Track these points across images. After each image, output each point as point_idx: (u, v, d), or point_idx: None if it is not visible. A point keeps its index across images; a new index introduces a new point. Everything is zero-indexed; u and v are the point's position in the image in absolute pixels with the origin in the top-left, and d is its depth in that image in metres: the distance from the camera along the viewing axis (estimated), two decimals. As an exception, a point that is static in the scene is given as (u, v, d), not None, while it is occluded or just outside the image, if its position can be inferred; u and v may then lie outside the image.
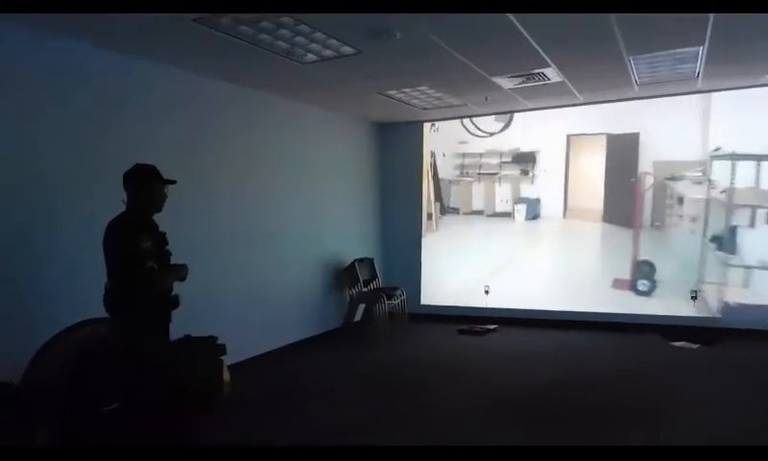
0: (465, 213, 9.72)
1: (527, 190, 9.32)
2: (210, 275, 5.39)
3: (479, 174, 9.64)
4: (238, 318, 5.74)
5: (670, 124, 7.91)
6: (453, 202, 9.61)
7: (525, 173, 9.23)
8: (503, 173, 9.50)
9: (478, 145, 9.38)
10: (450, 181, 9.68)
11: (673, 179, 8.09)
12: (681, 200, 8.11)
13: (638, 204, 8.26)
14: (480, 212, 9.58)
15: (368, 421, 4.48)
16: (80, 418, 3.67)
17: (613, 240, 8.50)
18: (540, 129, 8.85)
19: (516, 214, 9.45)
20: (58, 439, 3.34)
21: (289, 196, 6.82)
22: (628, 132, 8.26)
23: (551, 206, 9.14)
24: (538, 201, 9.22)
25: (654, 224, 8.19)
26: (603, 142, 8.56)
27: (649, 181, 8.11)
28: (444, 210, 9.63)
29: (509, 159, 9.34)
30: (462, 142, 9.47)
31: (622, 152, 8.39)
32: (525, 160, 9.21)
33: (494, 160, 9.49)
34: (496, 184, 9.60)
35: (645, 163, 8.20)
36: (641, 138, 8.12)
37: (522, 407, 4.67)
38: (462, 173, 9.67)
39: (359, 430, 4.27)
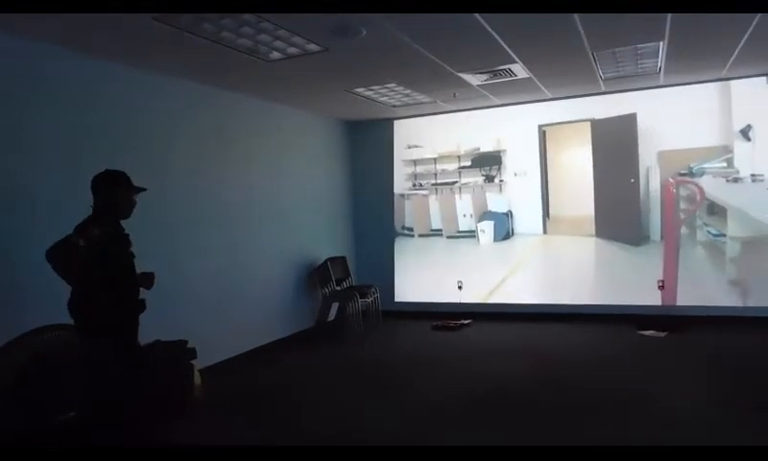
0: (421, 235, 8.21)
1: (495, 201, 7.79)
2: (181, 277, 5.38)
3: (434, 185, 8.24)
4: (209, 321, 5.73)
5: (673, 101, 6.56)
6: (407, 221, 8.37)
7: (490, 179, 7.79)
8: (463, 181, 7.99)
9: (431, 147, 8.00)
10: (402, 196, 8.40)
11: (690, 173, 6.57)
12: (712, 209, 6.35)
13: (670, 224, 6.53)
14: (440, 232, 8.15)
15: (343, 420, 4.54)
16: (33, 426, 3.57)
17: (619, 268, 6.90)
18: (504, 121, 7.62)
19: (480, 235, 7.83)
20: (11, 445, 3.25)
21: (259, 196, 6.83)
22: (620, 114, 6.79)
23: (527, 219, 7.61)
24: (508, 215, 7.73)
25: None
26: (588, 130, 7.18)
27: (667, 182, 6.42)
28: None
29: (468, 163, 7.89)
30: (411, 146, 8.20)
31: (615, 141, 7.04)
32: (489, 163, 7.80)
33: (452, 166, 8.06)
34: (456, 196, 8.07)
35: (647, 154, 6.83)
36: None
37: (495, 400, 4.77)
38: (414, 185, 8.27)
39: (335, 430, 4.30)
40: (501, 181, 7.87)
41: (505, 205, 7.81)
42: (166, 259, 4.09)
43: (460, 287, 8.18)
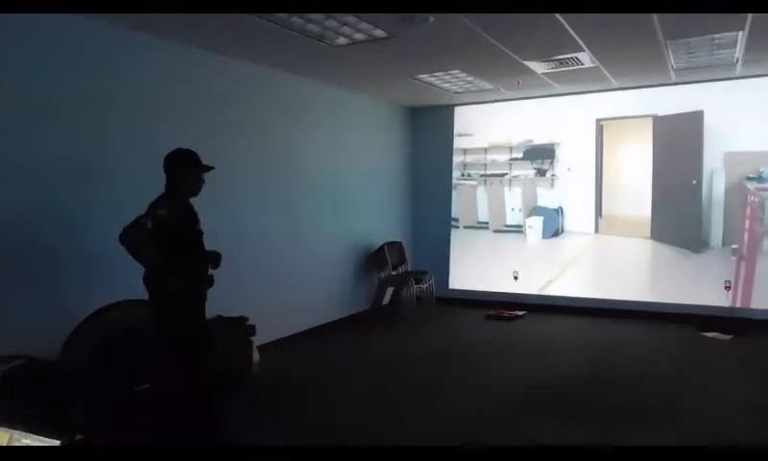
0: (467, 227, 8.02)
1: (545, 196, 7.53)
2: (243, 257, 5.51)
3: (483, 175, 7.97)
4: (268, 299, 5.88)
5: (745, 98, 6.22)
6: (453, 211, 8.33)
7: (542, 173, 7.51)
8: (513, 173, 7.70)
9: (482, 137, 7.75)
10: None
11: (760, 179, 6.21)
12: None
13: (751, 233, 6.17)
14: (486, 225, 7.91)
15: (391, 405, 4.59)
16: (111, 397, 3.74)
17: (678, 272, 6.62)
18: (560, 113, 7.33)
19: (527, 231, 7.60)
20: (91, 417, 3.42)
21: (321, 179, 6.92)
22: (685, 111, 6.48)
23: (578, 216, 7.33)
24: (559, 211, 7.44)
25: (731, 245, 6.43)
26: (649, 127, 6.87)
27: (748, 191, 5.98)
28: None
29: (520, 155, 7.58)
30: (462, 134, 7.98)
31: (678, 139, 6.70)
32: (541, 156, 7.52)
33: (503, 157, 7.75)
34: (506, 188, 7.79)
35: (712, 155, 6.52)
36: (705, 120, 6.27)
37: (545, 397, 4.72)
38: (463, 174, 8.06)
39: (382, 415, 4.36)
40: (553, 175, 7.63)
41: (556, 200, 7.57)
42: (230, 236, 4.22)
43: (516, 277, 8.08)
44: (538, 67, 6.13)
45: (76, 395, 3.41)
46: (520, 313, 7.63)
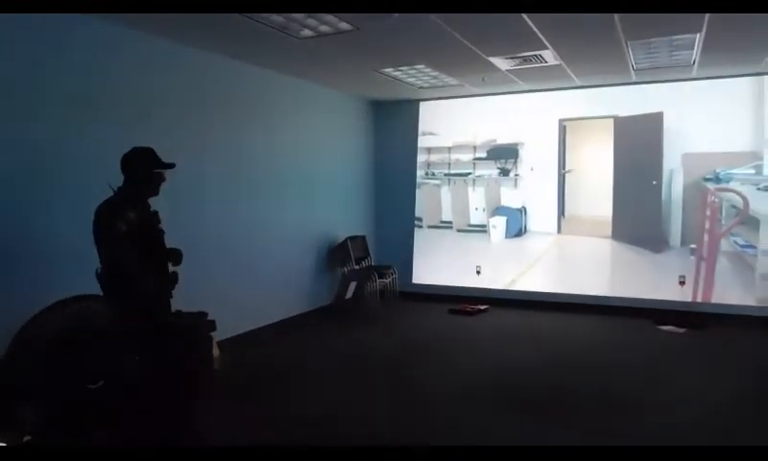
0: (431, 226, 8.06)
1: (509, 196, 7.61)
2: (202, 251, 5.37)
3: (447, 175, 8.05)
4: (230, 294, 5.78)
5: (703, 102, 6.42)
6: (417, 211, 8.35)
7: (505, 173, 7.56)
8: (477, 173, 7.77)
9: (446, 137, 7.82)
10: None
11: (717, 179, 6.41)
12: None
13: (711, 233, 6.26)
14: (450, 225, 7.96)
15: (354, 401, 4.56)
16: (64, 395, 3.61)
17: (638, 272, 6.76)
18: (523, 113, 7.41)
19: (491, 231, 7.67)
20: (41, 415, 3.29)
21: (283, 172, 6.84)
22: (646, 112, 6.64)
23: (541, 216, 7.43)
24: (522, 211, 7.50)
25: (690, 245, 6.59)
26: (610, 127, 6.99)
27: (706, 191, 6.18)
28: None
29: (483, 155, 7.65)
30: (426, 133, 8.06)
31: (638, 140, 6.83)
32: (505, 156, 7.58)
33: (467, 156, 7.81)
34: (470, 188, 7.88)
35: (671, 156, 6.67)
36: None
37: (507, 390, 4.75)
38: (427, 173, 8.12)
39: (345, 411, 4.34)
40: (517, 175, 7.70)
41: (519, 200, 7.64)
42: (187, 233, 4.09)
43: (478, 272, 8.13)
44: (502, 64, 6.17)
45: (25, 393, 3.28)
46: (483, 307, 7.68)
